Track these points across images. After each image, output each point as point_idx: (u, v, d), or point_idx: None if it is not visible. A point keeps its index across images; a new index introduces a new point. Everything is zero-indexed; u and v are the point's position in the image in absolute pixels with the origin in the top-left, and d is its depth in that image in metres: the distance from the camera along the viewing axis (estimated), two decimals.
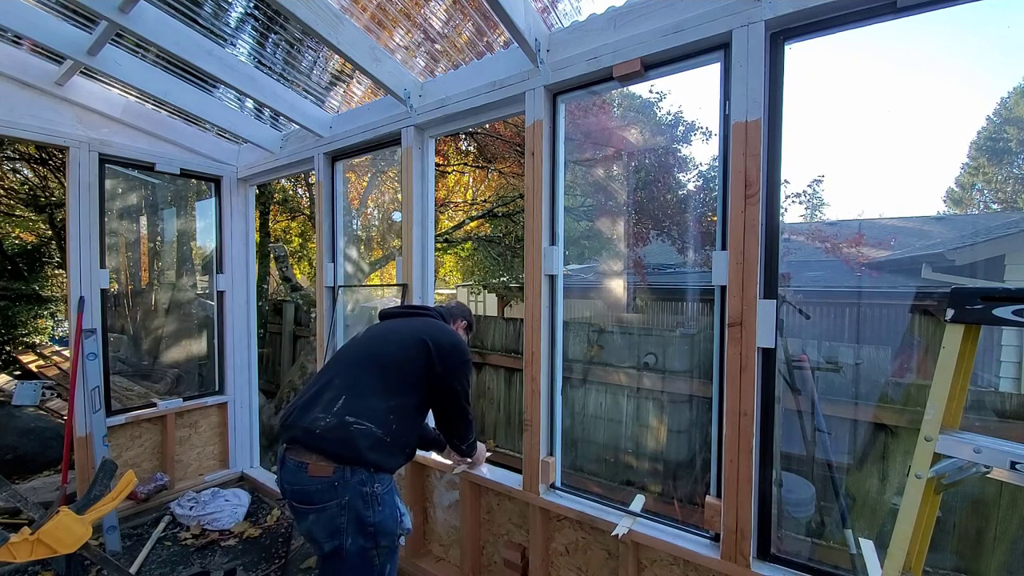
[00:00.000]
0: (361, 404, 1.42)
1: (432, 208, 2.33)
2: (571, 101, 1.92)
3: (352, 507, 1.34)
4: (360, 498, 1.35)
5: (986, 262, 4.60)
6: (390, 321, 1.73)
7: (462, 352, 1.62)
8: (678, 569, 1.59)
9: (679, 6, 1.52)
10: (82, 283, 2.68)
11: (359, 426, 1.37)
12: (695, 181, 6.46)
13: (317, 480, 1.33)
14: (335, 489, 1.33)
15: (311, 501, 1.34)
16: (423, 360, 1.53)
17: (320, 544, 1.36)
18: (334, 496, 1.33)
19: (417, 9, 2.17)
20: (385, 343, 1.59)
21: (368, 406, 1.42)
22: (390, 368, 1.52)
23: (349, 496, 1.34)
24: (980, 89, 27.47)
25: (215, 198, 3.40)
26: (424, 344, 1.55)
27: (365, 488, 1.36)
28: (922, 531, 0.91)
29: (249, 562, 2.54)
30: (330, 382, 1.48)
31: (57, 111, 2.62)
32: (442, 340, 1.58)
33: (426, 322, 1.68)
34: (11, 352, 6.46)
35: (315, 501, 1.33)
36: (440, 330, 1.65)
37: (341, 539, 1.34)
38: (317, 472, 1.33)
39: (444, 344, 1.58)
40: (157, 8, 2.00)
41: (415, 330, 1.61)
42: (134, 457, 3.01)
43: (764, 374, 1.41)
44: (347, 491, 1.34)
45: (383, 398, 1.45)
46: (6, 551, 1.67)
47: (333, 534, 1.34)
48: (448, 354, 1.57)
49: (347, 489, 1.34)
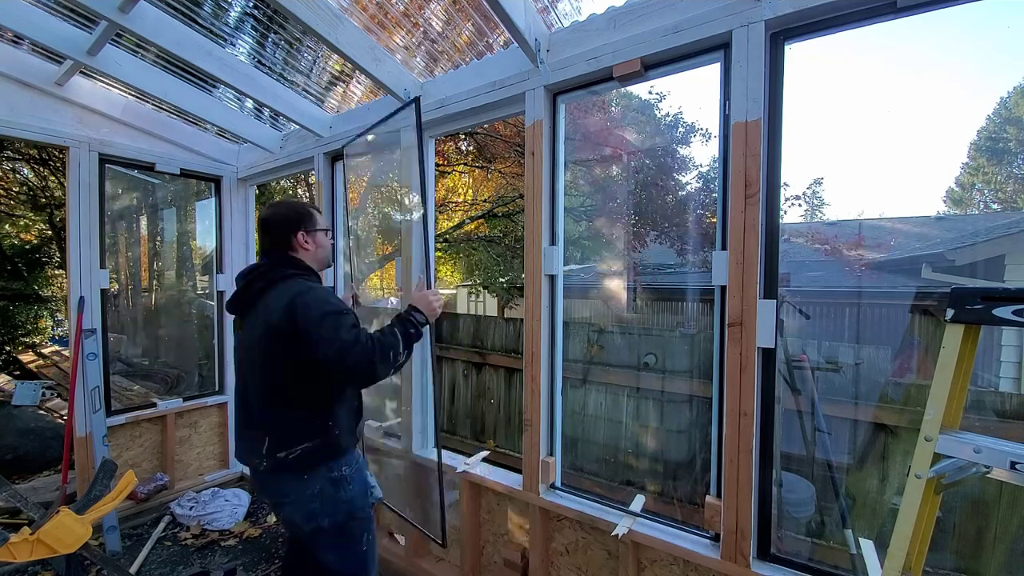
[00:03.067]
0: (281, 435, 1.37)
1: (432, 208, 2.33)
2: (571, 101, 1.92)
3: (324, 492, 1.40)
4: (330, 484, 1.41)
5: (986, 262, 4.60)
6: (239, 335, 1.52)
7: (302, 300, 1.32)
8: (678, 569, 1.59)
9: (679, 6, 1.52)
10: (82, 283, 2.68)
11: (293, 454, 1.37)
12: (695, 182, 6.46)
13: (287, 480, 1.40)
14: (306, 482, 1.39)
15: (286, 496, 1.41)
16: (284, 346, 1.32)
17: (299, 527, 1.41)
18: (306, 489, 1.39)
19: (417, 9, 2.17)
20: (251, 369, 1.42)
21: (289, 430, 1.37)
22: (272, 388, 1.38)
23: (320, 485, 1.40)
24: (980, 89, 27.52)
25: (215, 198, 3.40)
26: (271, 343, 1.35)
27: (333, 474, 1.42)
28: (922, 531, 0.91)
29: (249, 562, 2.54)
30: (249, 419, 1.45)
31: (57, 111, 2.62)
32: (286, 311, 1.31)
33: (263, 310, 1.38)
34: (11, 352, 6.46)
35: (289, 495, 1.40)
36: (283, 301, 1.33)
37: (318, 521, 1.40)
38: (286, 475, 1.41)
39: (286, 314, 1.30)
40: (157, 8, 2.00)
41: (257, 334, 1.39)
42: (134, 457, 3.01)
43: (764, 374, 1.41)
44: (317, 481, 1.40)
45: (293, 410, 1.38)
46: (6, 551, 1.67)
47: (309, 518, 1.39)
48: (291, 314, 1.29)
49: (317, 480, 1.40)
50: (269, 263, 1.46)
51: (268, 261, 1.47)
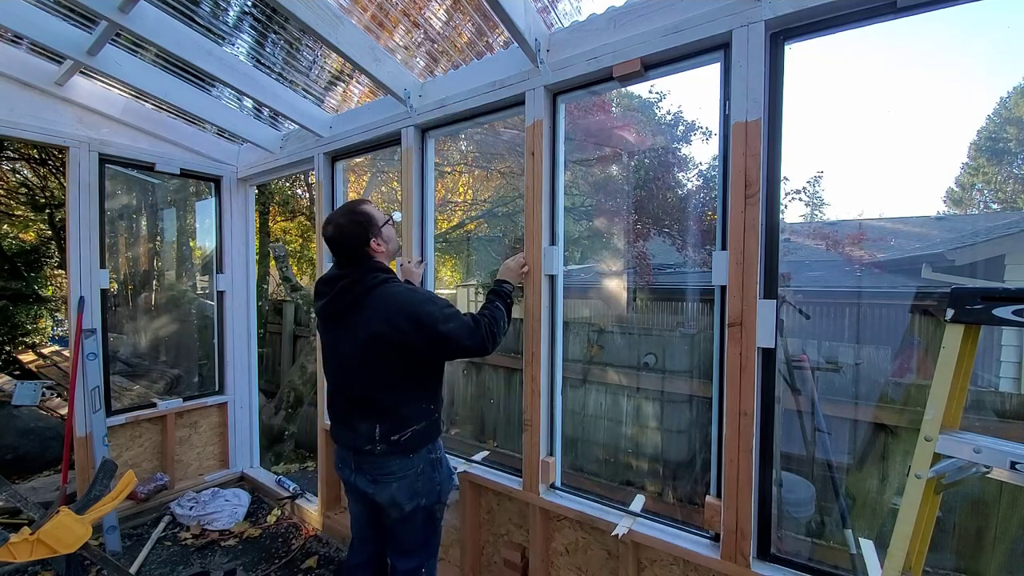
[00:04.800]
0: (395, 421, 1.53)
1: (432, 208, 2.33)
2: (571, 101, 1.92)
3: (425, 473, 1.57)
4: (429, 464, 1.59)
5: (986, 262, 4.60)
6: (330, 338, 1.61)
7: (415, 309, 1.45)
8: (678, 569, 1.59)
9: (679, 6, 1.52)
10: (82, 283, 2.68)
11: (405, 436, 1.53)
12: (695, 181, 6.46)
13: (396, 459, 1.54)
14: (411, 461, 1.55)
15: (392, 473, 1.53)
16: (397, 351, 1.47)
17: (402, 506, 1.54)
18: (411, 467, 1.55)
19: (417, 9, 2.16)
20: (359, 367, 1.52)
21: (401, 416, 1.53)
22: (384, 381, 1.52)
23: (422, 464, 1.57)
24: (980, 89, 27.49)
25: (215, 198, 3.40)
26: (383, 344, 1.46)
27: (432, 455, 1.61)
28: (922, 531, 0.91)
29: (249, 562, 2.54)
30: (357, 411, 1.57)
31: (57, 111, 2.62)
32: (395, 320, 1.44)
33: (369, 315, 1.49)
34: (11, 352, 6.46)
35: (396, 472, 1.53)
36: (387, 310, 1.46)
37: (419, 499, 1.56)
38: (395, 455, 1.54)
39: (398, 323, 1.44)
40: (157, 8, 2.00)
41: (363, 336, 1.49)
42: (134, 457, 3.01)
43: (764, 374, 1.41)
44: (420, 460, 1.57)
45: (404, 399, 1.55)
46: (6, 551, 1.67)
47: (413, 495, 1.55)
48: (414, 324, 1.44)
49: (420, 459, 1.57)
50: (358, 272, 1.55)
51: (353, 270, 1.56)
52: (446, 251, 8.88)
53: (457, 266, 11.52)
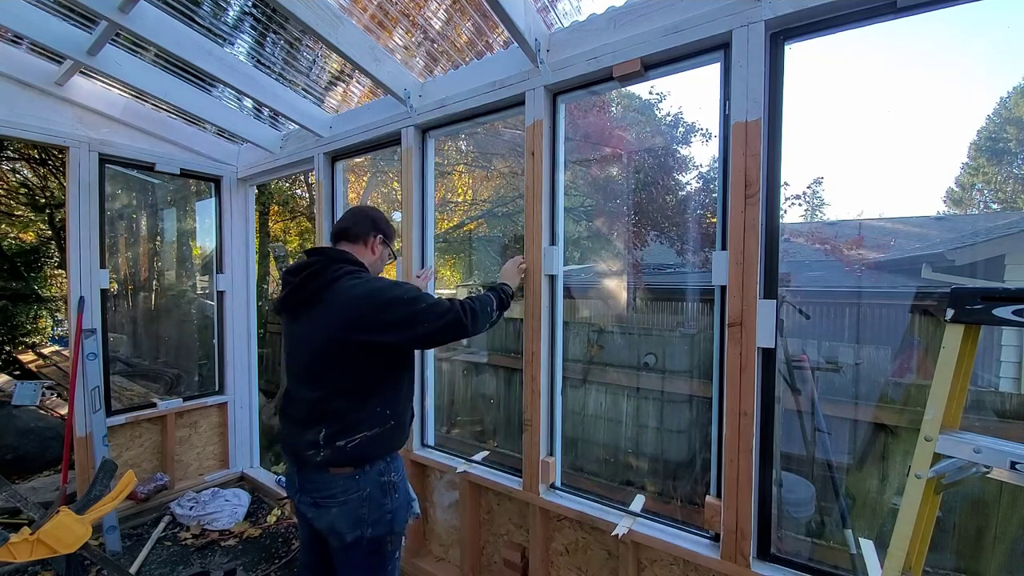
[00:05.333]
0: (343, 423, 1.37)
1: (432, 208, 2.33)
2: (571, 101, 1.92)
3: (372, 497, 1.40)
4: (379, 488, 1.41)
5: (986, 262, 4.59)
6: (291, 329, 1.49)
7: (375, 300, 1.32)
8: (678, 569, 1.59)
9: (679, 6, 1.52)
10: (82, 283, 2.68)
11: (352, 442, 1.37)
12: (695, 182, 6.46)
13: (339, 478, 1.38)
14: (356, 482, 1.38)
15: (334, 496, 1.38)
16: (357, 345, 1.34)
17: (342, 535, 1.39)
18: (356, 489, 1.38)
19: (417, 9, 2.16)
20: (311, 360, 1.40)
21: (349, 418, 1.37)
22: (335, 377, 1.38)
23: (369, 488, 1.40)
24: (980, 89, 27.47)
25: (215, 198, 3.40)
26: (343, 332, 1.33)
27: (383, 478, 1.42)
28: (922, 531, 0.91)
29: (249, 562, 2.54)
30: (304, 410, 1.42)
31: (57, 111, 2.62)
32: (350, 316, 1.32)
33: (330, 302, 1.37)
34: (11, 352, 6.46)
35: (338, 495, 1.37)
36: (348, 298, 1.34)
37: (362, 529, 1.38)
38: (338, 472, 1.38)
39: (362, 311, 1.32)
40: (157, 8, 2.00)
41: (323, 324, 1.37)
42: (134, 457, 3.01)
43: (764, 374, 1.41)
44: (367, 482, 1.40)
45: (356, 399, 1.39)
46: (6, 551, 1.67)
47: (357, 523, 1.38)
48: (378, 309, 1.31)
49: (367, 480, 1.40)
50: (324, 260, 1.42)
51: (323, 258, 1.43)
52: (446, 251, 8.88)
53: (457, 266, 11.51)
